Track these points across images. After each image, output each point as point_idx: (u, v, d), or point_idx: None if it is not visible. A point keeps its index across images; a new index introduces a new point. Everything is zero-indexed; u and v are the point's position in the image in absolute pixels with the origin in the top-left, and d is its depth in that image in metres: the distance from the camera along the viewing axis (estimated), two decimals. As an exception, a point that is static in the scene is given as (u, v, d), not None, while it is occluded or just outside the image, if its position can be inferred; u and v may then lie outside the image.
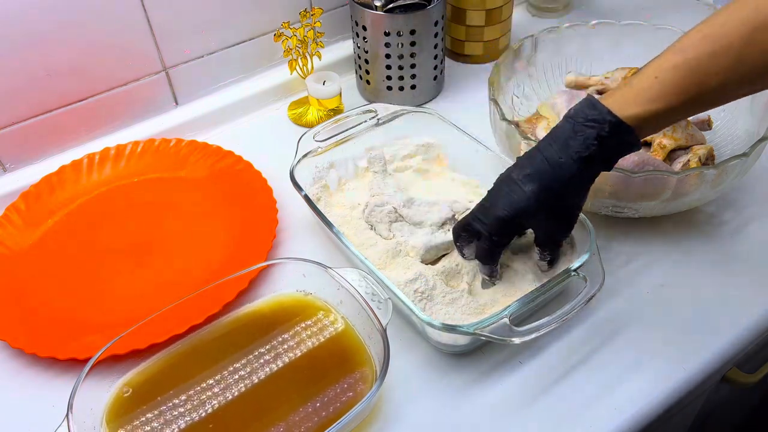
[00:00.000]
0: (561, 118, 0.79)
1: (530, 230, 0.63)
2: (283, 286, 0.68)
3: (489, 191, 0.60)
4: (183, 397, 0.59)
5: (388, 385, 0.61)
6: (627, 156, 0.70)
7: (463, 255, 0.65)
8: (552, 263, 0.64)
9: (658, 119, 0.54)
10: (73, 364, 0.64)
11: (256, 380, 0.60)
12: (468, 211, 0.64)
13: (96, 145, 0.86)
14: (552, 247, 0.62)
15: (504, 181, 0.59)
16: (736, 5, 0.52)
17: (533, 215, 0.57)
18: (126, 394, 0.59)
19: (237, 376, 0.60)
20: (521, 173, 0.57)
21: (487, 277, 0.65)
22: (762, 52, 0.51)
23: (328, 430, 0.51)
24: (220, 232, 0.77)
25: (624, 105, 0.54)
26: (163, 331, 0.62)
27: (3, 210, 0.79)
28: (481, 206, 0.60)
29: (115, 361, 0.60)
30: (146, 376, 0.60)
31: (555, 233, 0.61)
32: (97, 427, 0.56)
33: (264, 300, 0.67)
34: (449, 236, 0.68)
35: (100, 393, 0.58)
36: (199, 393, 0.59)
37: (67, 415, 0.53)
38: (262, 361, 0.61)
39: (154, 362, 0.62)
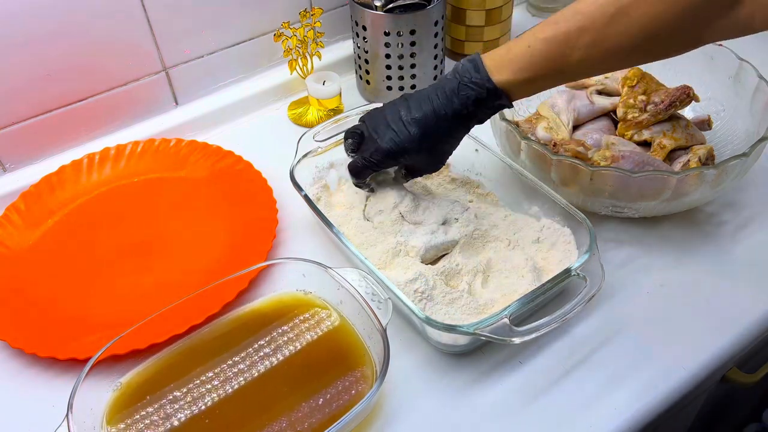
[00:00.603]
0: (561, 117, 0.80)
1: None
2: (283, 286, 0.68)
3: (377, 117, 0.66)
4: (183, 390, 0.59)
5: (388, 384, 0.61)
6: (627, 156, 0.71)
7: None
8: (404, 177, 0.72)
9: (527, 86, 0.60)
10: (73, 364, 0.64)
11: (256, 374, 0.60)
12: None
13: (96, 145, 0.86)
14: (415, 175, 0.71)
15: (393, 118, 0.65)
16: None
17: (412, 155, 0.65)
18: (125, 393, 0.59)
19: (236, 369, 0.61)
20: (410, 116, 0.64)
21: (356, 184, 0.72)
22: (618, 34, 0.55)
23: (327, 430, 0.52)
24: (220, 232, 0.77)
25: (501, 69, 0.60)
26: (163, 331, 0.62)
27: (3, 210, 0.79)
28: (371, 135, 0.66)
29: (115, 361, 0.60)
30: (146, 376, 0.60)
31: (424, 168, 0.69)
32: (97, 427, 0.56)
33: (264, 300, 0.67)
34: (449, 236, 0.68)
35: (100, 393, 0.58)
36: (198, 386, 0.59)
37: (67, 415, 0.53)
38: (261, 354, 0.62)
39: (155, 362, 0.62)
